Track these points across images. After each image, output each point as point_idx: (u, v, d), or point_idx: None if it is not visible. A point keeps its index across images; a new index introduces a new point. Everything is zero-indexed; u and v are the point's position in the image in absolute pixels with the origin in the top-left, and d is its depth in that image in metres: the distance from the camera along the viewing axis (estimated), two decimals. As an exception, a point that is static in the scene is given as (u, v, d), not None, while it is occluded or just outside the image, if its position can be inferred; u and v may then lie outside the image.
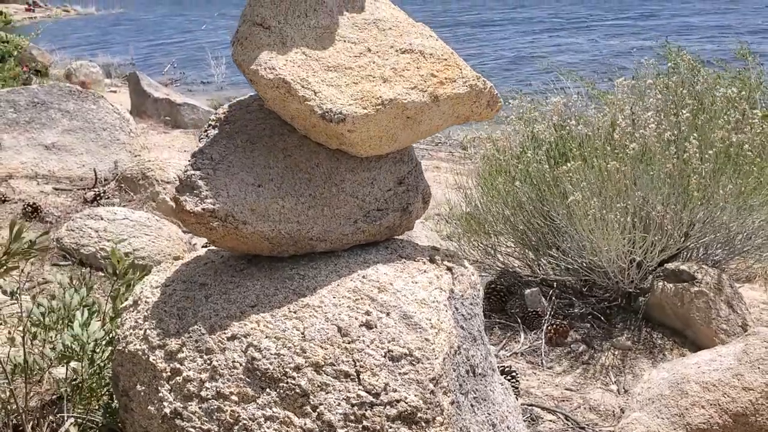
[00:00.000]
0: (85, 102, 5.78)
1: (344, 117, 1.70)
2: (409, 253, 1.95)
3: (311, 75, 1.73)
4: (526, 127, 4.13)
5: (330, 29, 1.82)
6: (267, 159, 1.85)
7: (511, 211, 4.02)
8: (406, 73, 1.82)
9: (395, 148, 1.93)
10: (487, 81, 1.91)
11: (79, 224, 4.11)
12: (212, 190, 1.75)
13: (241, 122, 1.92)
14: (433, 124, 1.91)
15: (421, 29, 1.96)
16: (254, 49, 1.74)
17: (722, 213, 3.65)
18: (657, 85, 3.90)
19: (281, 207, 1.79)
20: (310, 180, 1.85)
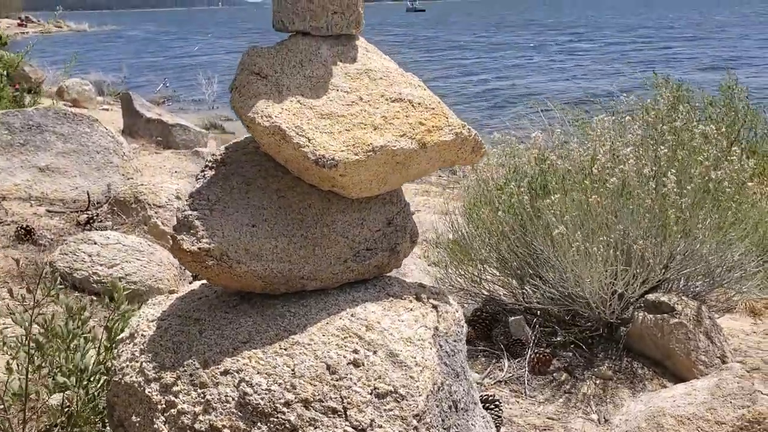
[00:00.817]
0: (79, 125, 5.85)
1: (336, 163, 1.80)
2: (397, 291, 2.04)
3: (305, 122, 1.83)
4: (509, 159, 4.25)
5: (324, 79, 1.93)
6: (261, 200, 1.95)
7: (495, 240, 4.12)
8: (395, 121, 1.92)
9: (385, 190, 2.03)
10: (472, 129, 2.02)
11: (73, 248, 4.17)
12: (208, 230, 1.83)
13: (237, 164, 2.01)
14: (421, 169, 2.01)
15: (410, 79, 2.06)
16: (251, 97, 1.84)
17: (702, 246, 3.76)
18: (637, 120, 4.03)
19: (274, 247, 1.88)
20: (303, 220, 1.95)
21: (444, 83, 24.18)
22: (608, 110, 4.46)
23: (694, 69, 25.03)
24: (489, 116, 16.40)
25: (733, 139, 4.66)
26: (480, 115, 16.90)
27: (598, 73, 25.18)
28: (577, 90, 20.03)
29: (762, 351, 4.00)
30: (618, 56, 30.55)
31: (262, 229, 1.89)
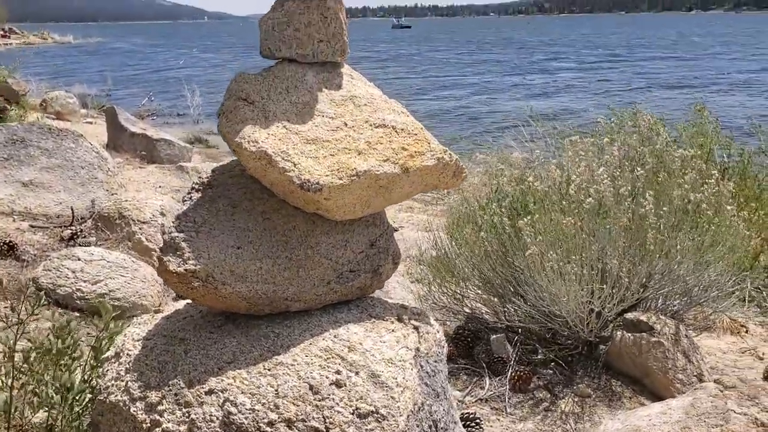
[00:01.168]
0: (64, 140, 5.86)
1: (321, 187, 1.85)
2: (379, 312, 2.08)
3: (291, 147, 1.88)
4: (490, 180, 4.32)
5: (310, 105, 1.98)
6: (247, 222, 1.99)
7: (477, 259, 4.17)
8: (379, 147, 1.98)
9: (368, 213, 2.07)
10: (453, 154, 2.08)
11: (56, 264, 4.17)
12: (194, 252, 1.87)
13: (223, 186, 2.05)
14: (403, 192, 2.06)
15: (393, 105, 2.12)
16: (238, 123, 1.89)
17: (679, 267, 3.83)
18: (616, 141, 4.12)
19: (259, 268, 1.92)
20: (287, 242, 1.99)
21: (425, 98, 24.45)
22: (586, 132, 4.55)
23: (661, 86, 25.57)
24: (470, 133, 16.57)
25: (707, 159, 4.77)
26: (460, 131, 17.08)
27: (577, 91, 25.59)
28: (555, 108, 20.34)
29: (738, 369, 4.07)
30: (596, 76, 31.08)
31: (247, 250, 1.93)
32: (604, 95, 23.94)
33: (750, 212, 4.21)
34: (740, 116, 15.33)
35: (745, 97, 22.63)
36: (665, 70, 33.57)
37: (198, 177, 2.08)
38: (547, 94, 25.45)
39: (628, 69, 34.57)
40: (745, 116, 15.02)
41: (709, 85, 26.16)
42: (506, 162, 4.49)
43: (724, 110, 16.92)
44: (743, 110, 18.07)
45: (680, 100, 19.35)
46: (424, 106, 22.13)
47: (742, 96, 22.92)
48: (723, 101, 20.62)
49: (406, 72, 35.18)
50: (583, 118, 16.00)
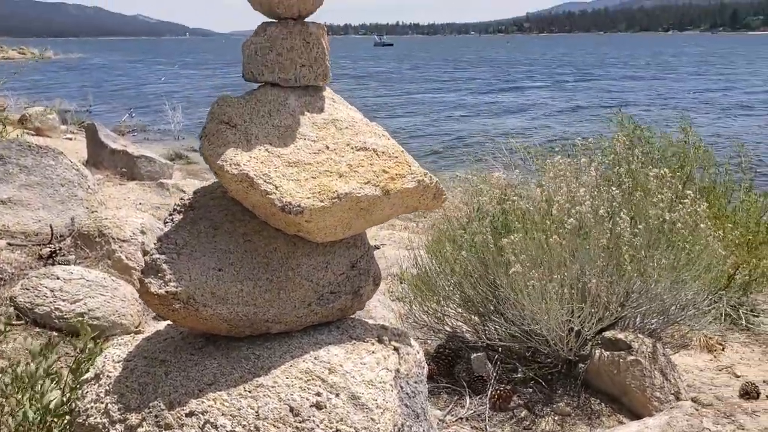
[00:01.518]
0: (44, 158, 5.82)
1: (302, 209, 1.87)
2: (359, 333, 2.10)
3: (273, 170, 1.90)
4: (472, 199, 4.36)
5: (292, 128, 2.00)
6: (228, 244, 2.00)
7: (458, 277, 4.20)
8: (360, 169, 2.00)
9: (349, 235, 2.10)
10: (433, 176, 2.11)
11: (35, 283, 4.14)
12: (175, 274, 1.88)
13: (204, 208, 2.06)
14: (384, 214, 2.08)
15: (374, 129, 2.15)
16: (221, 146, 1.91)
17: (656, 286, 3.89)
18: (593, 161, 4.18)
19: (240, 290, 1.93)
20: (268, 264, 2.00)
21: (405, 115, 24.64)
22: (565, 152, 4.61)
23: (629, 105, 26.11)
24: (450, 152, 16.70)
25: (685, 180, 4.84)
26: (441, 148, 17.21)
27: (553, 110, 25.95)
28: (525, 126, 20.61)
29: (715, 387, 4.12)
30: (572, 94, 31.57)
31: (228, 272, 1.94)
32: (573, 113, 24.39)
33: (725, 231, 4.28)
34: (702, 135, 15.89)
35: (702, 116, 23.36)
36: (634, 89, 34.25)
37: (180, 199, 2.09)
38: (516, 112, 25.83)
39: (599, 87, 35.20)
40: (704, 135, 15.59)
41: (675, 105, 26.86)
42: (487, 181, 4.54)
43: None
44: (699, 130, 18.66)
45: (647, 119, 19.96)
46: (397, 123, 22.38)
47: (699, 114, 23.63)
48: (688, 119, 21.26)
49: (384, 89, 35.47)
50: (550, 135, 16.24)
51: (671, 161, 5.08)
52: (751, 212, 5.17)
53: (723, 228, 4.41)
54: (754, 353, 4.74)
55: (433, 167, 11.56)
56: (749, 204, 5.24)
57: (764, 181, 10.91)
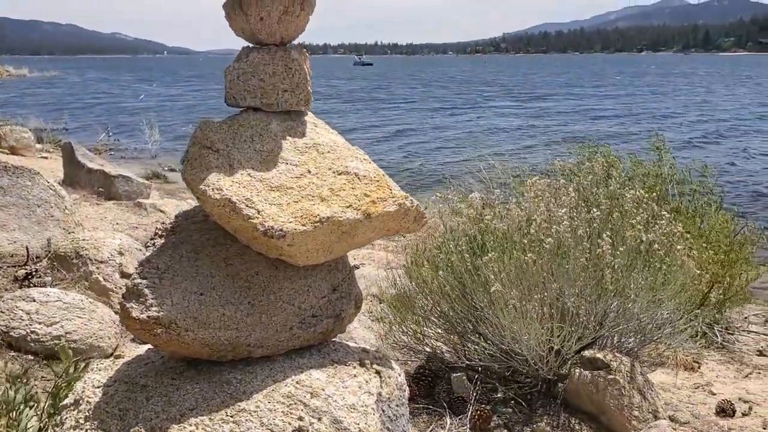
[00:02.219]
0: (20, 178, 5.76)
1: (285, 233, 1.88)
2: (341, 356, 2.10)
3: (255, 195, 1.91)
4: (447, 219, 4.39)
5: (274, 152, 2.02)
6: (210, 268, 2.00)
7: (436, 297, 4.22)
8: (342, 193, 2.02)
9: (330, 258, 2.11)
10: (414, 200, 2.13)
11: (10, 306, 4.08)
12: (157, 299, 1.88)
13: (186, 232, 2.06)
14: (366, 237, 2.10)
15: (355, 153, 2.17)
16: (203, 170, 1.91)
17: (633, 305, 3.93)
18: (571, 183, 4.24)
19: (221, 315, 1.93)
20: (250, 288, 2.01)
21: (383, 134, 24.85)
22: (543, 173, 4.67)
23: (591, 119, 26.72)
24: (430, 170, 16.82)
25: (657, 199, 4.92)
26: (418, 167, 17.32)
27: (528, 129, 26.33)
28: (510, 145, 20.87)
29: (692, 405, 4.16)
30: (547, 115, 32.07)
31: (210, 297, 1.94)
32: (538, 132, 24.83)
33: (699, 251, 4.36)
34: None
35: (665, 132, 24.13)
36: (601, 107, 34.98)
37: (161, 223, 2.10)
38: (486, 129, 26.22)
39: (568, 105, 35.85)
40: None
41: (636, 121, 27.66)
42: (465, 201, 4.58)
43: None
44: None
45: (611, 136, 20.66)
46: (389, 145, 22.60)
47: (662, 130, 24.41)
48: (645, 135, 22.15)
49: (355, 108, 35.79)
50: (540, 160, 16.49)
51: (646, 180, 5.17)
52: (722, 232, 5.26)
53: (696, 248, 4.48)
54: (730, 371, 4.80)
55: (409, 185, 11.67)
56: (721, 224, 5.34)
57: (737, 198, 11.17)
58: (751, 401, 4.13)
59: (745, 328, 5.69)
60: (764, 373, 4.71)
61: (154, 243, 2.02)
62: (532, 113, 31.97)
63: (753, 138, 22.89)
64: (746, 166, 17.17)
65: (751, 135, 23.56)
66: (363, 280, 6.02)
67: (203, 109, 31.92)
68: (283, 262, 2.05)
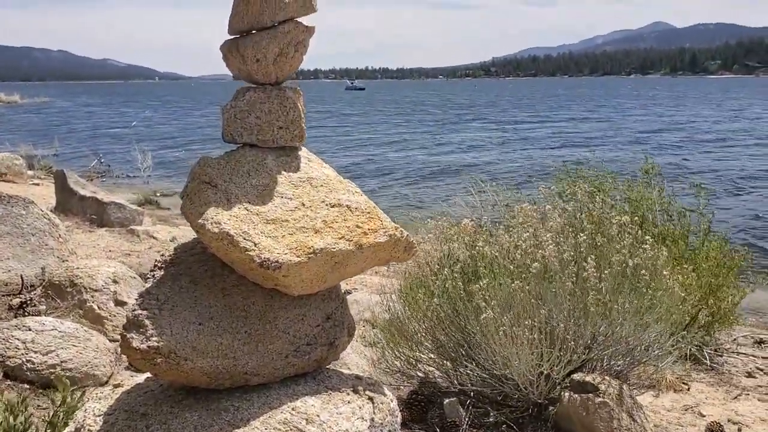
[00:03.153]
0: (14, 207, 5.81)
1: (280, 265, 1.95)
2: (335, 383, 2.17)
3: (252, 228, 1.99)
4: (442, 245, 4.46)
5: (269, 187, 2.10)
6: (208, 298, 2.07)
7: (430, 323, 4.27)
8: (335, 225, 2.10)
9: (324, 287, 2.18)
10: (404, 230, 2.21)
11: (6, 335, 4.11)
12: (157, 329, 1.94)
13: (185, 264, 2.14)
14: (358, 267, 2.18)
15: (347, 186, 2.26)
16: (202, 205, 1.99)
17: (621, 329, 4.00)
18: (557, 209, 4.32)
19: (219, 344, 2.00)
20: (247, 317, 2.07)
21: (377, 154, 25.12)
22: (530, 198, 4.76)
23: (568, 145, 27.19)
24: (420, 190, 16.96)
25: (640, 223, 5.01)
26: (410, 190, 17.46)
27: (493, 148, 26.73)
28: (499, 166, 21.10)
29: (681, 427, 4.22)
30: (518, 134, 32.55)
31: (208, 326, 2.01)
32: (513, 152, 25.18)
33: (683, 275, 4.44)
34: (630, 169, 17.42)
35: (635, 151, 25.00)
36: (578, 130, 35.49)
37: (161, 255, 2.17)
38: (464, 149, 26.55)
39: (545, 128, 36.35)
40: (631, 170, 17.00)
41: (613, 142, 28.23)
42: (456, 227, 4.65)
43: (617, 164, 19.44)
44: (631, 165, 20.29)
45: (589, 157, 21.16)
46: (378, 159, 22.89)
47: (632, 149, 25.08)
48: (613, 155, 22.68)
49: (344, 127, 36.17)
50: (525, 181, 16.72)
51: (632, 203, 5.27)
52: (711, 255, 5.34)
53: (682, 271, 4.56)
54: (719, 392, 4.86)
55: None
56: (710, 248, 5.42)
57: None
58: (740, 423, 4.20)
59: (735, 349, 5.74)
60: (753, 394, 4.77)
61: (154, 275, 2.09)
62: (515, 135, 32.43)
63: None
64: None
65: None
66: (356, 305, 6.08)
67: (195, 135, 32.07)
68: (279, 292, 2.12)
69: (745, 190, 16.86)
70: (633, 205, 5.25)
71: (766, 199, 15.42)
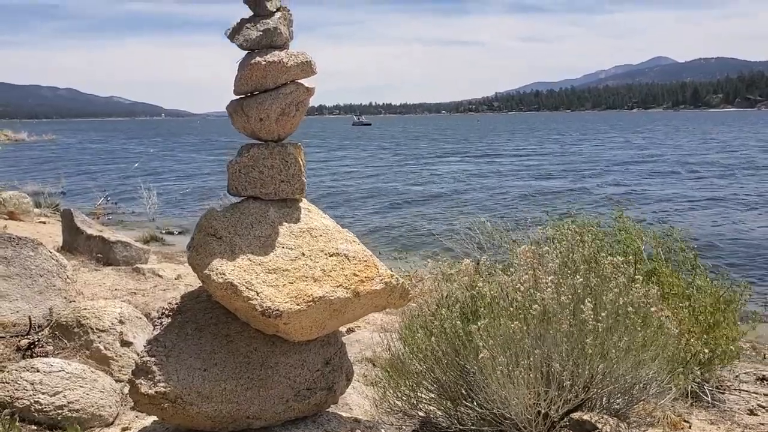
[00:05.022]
0: (23, 248, 5.93)
1: (281, 313, 2.06)
2: (334, 427, 2.26)
3: (254, 277, 2.10)
4: (441, 285, 4.54)
5: (271, 237, 2.22)
6: (212, 345, 2.17)
7: (429, 363, 4.33)
8: (333, 273, 2.21)
9: (323, 334, 2.28)
10: (399, 278, 2.32)
11: (15, 376, 4.19)
12: (164, 375, 2.04)
13: (191, 312, 2.24)
14: (355, 314, 2.28)
15: (345, 235, 2.37)
16: (207, 256, 2.11)
17: (617, 367, 4.06)
18: (553, 251, 4.41)
19: (223, 389, 2.10)
20: (249, 363, 2.17)
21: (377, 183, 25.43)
22: (526, 241, 4.85)
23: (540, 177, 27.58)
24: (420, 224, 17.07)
25: (633, 262, 5.08)
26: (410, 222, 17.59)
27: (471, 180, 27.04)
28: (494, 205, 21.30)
29: (680, 465, 4.24)
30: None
31: (212, 372, 2.11)
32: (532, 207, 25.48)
33: (676, 311, 4.51)
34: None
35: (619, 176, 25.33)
36: (547, 162, 35.92)
37: (168, 303, 2.27)
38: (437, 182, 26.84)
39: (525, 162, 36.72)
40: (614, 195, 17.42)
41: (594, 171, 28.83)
42: (455, 268, 4.74)
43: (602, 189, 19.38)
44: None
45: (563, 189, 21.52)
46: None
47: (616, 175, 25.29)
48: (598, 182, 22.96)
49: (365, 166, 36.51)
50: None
51: (623, 243, 5.35)
52: (706, 292, 5.40)
53: (676, 308, 4.62)
54: (720, 430, 4.87)
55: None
56: (705, 286, 5.48)
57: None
58: (741, 461, 4.22)
59: (736, 386, 5.75)
60: (755, 432, 4.79)
61: (161, 322, 2.19)
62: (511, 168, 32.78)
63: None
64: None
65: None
66: (358, 344, 6.13)
67: (200, 172, 32.38)
68: (280, 338, 2.22)
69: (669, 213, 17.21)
70: (623, 245, 5.34)
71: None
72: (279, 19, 2.28)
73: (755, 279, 9.81)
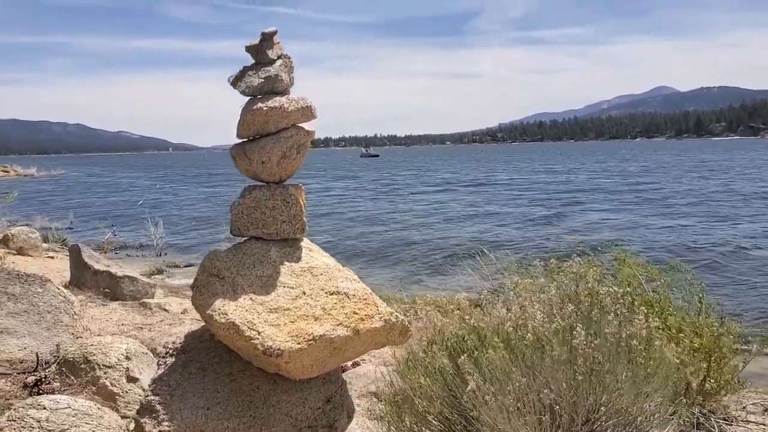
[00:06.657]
0: (31, 285, 6.00)
1: (282, 352, 2.11)
2: (335, 463, 2.29)
3: (256, 317, 2.16)
4: (435, 321, 4.57)
5: (273, 277, 2.28)
6: (215, 384, 2.22)
7: (428, 399, 4.34)
8: (333, 312, 2.26)
9: (324, 372, 2.33)
10: (399, 315, 2.37)
11: (21, 414, 4.22)
12: (168, 414, 2.09)
13: (194, 351, 2.30)
14: (356, 351, 2.33)
15: (346, 273, 2.43)
16: (210, 296, 2.17)
17: (620, 399, 4.06)
18: (554, 281, 4.45)
19: (226, 428, 2.14)
20: (251, 401, 2.22)
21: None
22: (527, 275, 4.88)
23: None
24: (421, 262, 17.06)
25: (633, 294, 5.10)
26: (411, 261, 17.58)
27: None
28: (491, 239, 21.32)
29: (688, 498, 4.22)
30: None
31: (215, 411, 2.16)
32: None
33: (678, 341, 4.52)
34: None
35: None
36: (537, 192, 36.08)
37: (172, 343, 2.33)
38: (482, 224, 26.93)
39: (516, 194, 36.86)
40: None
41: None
42: (454, 302, 4.77)
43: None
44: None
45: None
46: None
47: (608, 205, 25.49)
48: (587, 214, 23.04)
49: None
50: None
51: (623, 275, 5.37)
52: (703, 324, 5.40)
53: (678, 338, 4.64)
54: (726, 463, 4.85)
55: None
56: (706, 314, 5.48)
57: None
58: (746, 495, 4.19)
59: (744, 417, 5.72)
60: (761, 465, 4.76)
61: (166, 362, 2.25)
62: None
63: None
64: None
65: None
66: (362, 378, 6.14)
67: (206, 205, 32.57)
68: (282, 377, 2.27)
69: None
70: (623, 279, 5.37)
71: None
72: (280, 67, 2.38)
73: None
